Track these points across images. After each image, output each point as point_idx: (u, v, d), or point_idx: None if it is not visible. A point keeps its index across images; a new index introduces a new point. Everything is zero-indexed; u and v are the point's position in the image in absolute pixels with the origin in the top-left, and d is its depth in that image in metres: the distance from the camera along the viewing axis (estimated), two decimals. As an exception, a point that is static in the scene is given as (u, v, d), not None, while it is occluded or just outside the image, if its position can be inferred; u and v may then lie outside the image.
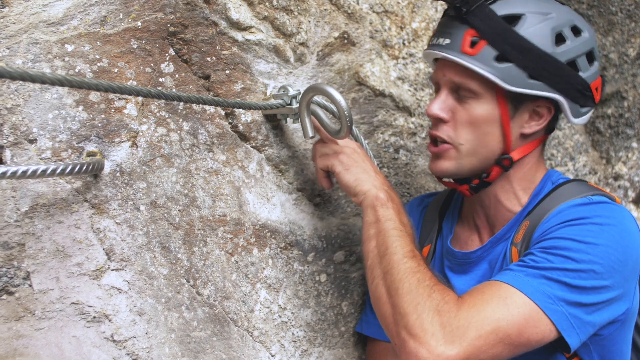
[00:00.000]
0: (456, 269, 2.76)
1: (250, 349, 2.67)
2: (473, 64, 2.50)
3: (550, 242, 2.39)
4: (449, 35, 2.56)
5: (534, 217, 2.58)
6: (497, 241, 2.69)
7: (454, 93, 2.59)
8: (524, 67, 2.50)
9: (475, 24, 2.51)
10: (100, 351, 2.25)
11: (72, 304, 2.26)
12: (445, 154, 2.61)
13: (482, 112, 2.55)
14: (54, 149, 2.36)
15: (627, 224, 2.44)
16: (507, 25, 2.50)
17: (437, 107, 2.59)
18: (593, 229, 2.39)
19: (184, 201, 2.58)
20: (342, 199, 3.02)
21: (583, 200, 2.53)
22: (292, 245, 2.85)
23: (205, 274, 2.59)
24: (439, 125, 2.61)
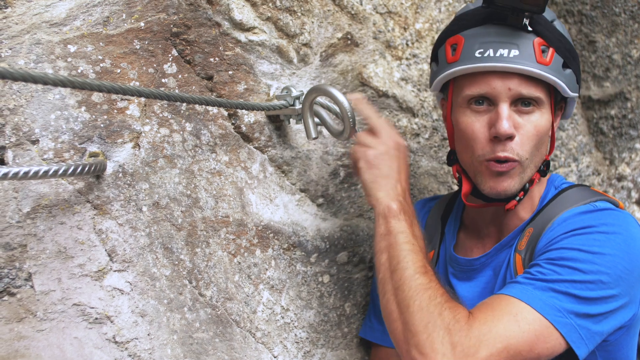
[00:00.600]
0: (460, 275, 2.74)
1: (252, 350, 2.66)
2: (551, 74, 2.45)
3: (557, 253, 2.37)
4: (514, 46, 2.44)
5: (538, 223, 2.56)
6: (501, 248, 2.66)
7: (513, 106, 2.48)
8: (576, 70, 2.53)
9: (541, 32, 2.46)
10: (102, 352, 2.25)
11: (74, 305, 2.25)
12: (511, 172, 2.51)
13: (545, 122, 2.51)
14: (56, 149, 2.36)
15: (632, 231, 2.43)
16: (559, 30, 2.50)
17: (508, 125, 2.45)
18: (599, 237, 2.38)
19: (187, 202, 2.57)
20: (345, 200, 3.01)
21: (587, 207, 2.51)
22: (295, 246, 2.84)
23: (208, 275, 2.58)
24: (506, 144, 2.48)
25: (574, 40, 3.76)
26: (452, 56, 2.52)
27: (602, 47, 3.78)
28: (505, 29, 2.46)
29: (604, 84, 3.86)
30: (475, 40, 2.48)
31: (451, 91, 2.62)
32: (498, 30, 2.46)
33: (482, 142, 2.51)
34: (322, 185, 2.92)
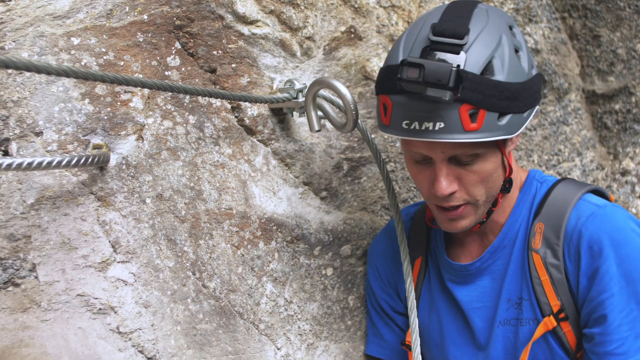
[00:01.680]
0: (457, 280, 2.73)
1: (256, 342, 2.67)
2: (482, 137, 2.30)
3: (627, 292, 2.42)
4: (438, 118, 2.27)
5: (548, 219, 2.55)
6: (495, 251, 2.65)
7: (452, 161, 2.41)
8: (519, 109, 2.36)
9: (467, 97, 2.25)
10: (105, 343, 2.26)
11: (78, 295, 2.26)
12: (464, 213, 2.49)
13: (490, 165, 2.43)
14: (60, 141, 2.37)
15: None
16: (490, 80, 2.29)
17: (446, 184, 2.40)
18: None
19: (190, 194, 2.58)
20: (349, 193, 3.01)
21: (592, 209, 2.52)
22: (298, 238, 2.85)
23: (211, 267, 2.59)
24: (451, 197, 2.45)
25: (578, 35, 3.76)
26: (385, 117, 2.41)
27: (607, 42, 3.78)
28: (427, 101, 2.26)
29: (609, 79, 3.86)
30: (401, 109, 2.34)
31: None
32: (422, 101, 2.27)
33: (428, 192, 2.49)
34: (325, 179, 2.93)
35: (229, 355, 2.56)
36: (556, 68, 3.65)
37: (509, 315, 2.60)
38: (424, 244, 2.84)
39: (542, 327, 2.52)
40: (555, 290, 2.50)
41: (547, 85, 3.61)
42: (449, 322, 2.75)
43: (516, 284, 2.59)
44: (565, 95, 3.69)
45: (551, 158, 3.62)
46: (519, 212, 2.63)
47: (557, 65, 3.64)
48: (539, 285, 2.52)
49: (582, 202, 2.54)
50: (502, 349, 2.62)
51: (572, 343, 2.52)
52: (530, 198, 2.64)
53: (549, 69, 3.59)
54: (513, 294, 2.60)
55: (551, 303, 2.51)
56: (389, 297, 2.90)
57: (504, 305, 2.61)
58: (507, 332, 2.61)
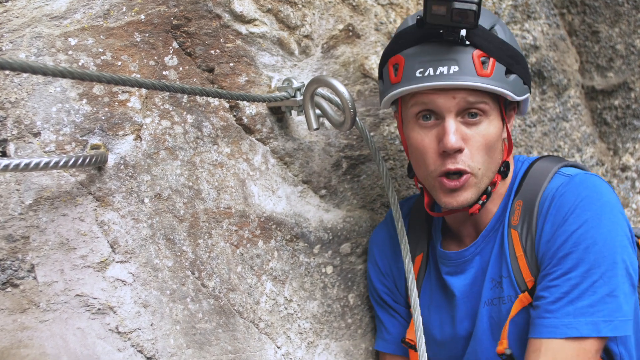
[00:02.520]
0: (453, 270, 2.74)
1: (256, 341, 2.67)
2: (495, 85, 2.43)
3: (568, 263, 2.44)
4: (453, 62, 2.42)
5: (525, 196, 2.59)
6: (487, 235, 2.68)
7: (460, 118, 2.48)
8: (521, 74, 2.50)
9: (479, 43, 2.43)
10: (105, 343, 2.26)
11: (77, 296, 2.26)
12: (465, 185, 2.51)
13: (494, 130, 2.50)
14: (57, 142, 2.37)
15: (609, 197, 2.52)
16: (497, 37, 2.48)
17: (455, 138, 2.45)
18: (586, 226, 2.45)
19: (189, 194, 2.58)
20: (348, 191, 3.01)
21: (563, 180, 2.55)
22: (297, 237, 2.85)
23: (210, 266, 2.59)
24: (456, 156, 2.48)
25: (577, 31, 3.76)
26: (395, 77, 2.51)
27: (606, 37, 3.78)
28: (443, 45, 2.43)
29: (608, 74, 3.86)
30: (415, 59, 2.46)
31: (400, 107, 2.63)
32: (436, 47, 2.44)
33: (432, 157, 2.52)
34: (324, 177, 2.93)
35: (228, 355, 2.56)
36: (555, 64, 3.64)
37: (492, 294, 2.63)
38: (425, 240, 2.85)
39: (518, 303, 2.55)
40: (529, 266, 2.53)
41: (546, 82, 3.61)
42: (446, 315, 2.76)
43: (497, 263, 2.63)
44: (564, 92, 3.68)
45: (551, 154, 3.62)
46: (508, 197, 2.67)
47: (556, 61, 3.64)
48: (515, 262, 2.57)
49: (556, 175, 2.59)
50: (488, 329, 2.64)
51: None
52: (514, 179, 2.68)
53: (548, 65, 3.58)
54: (495, 273, 2.63)
55: (526, 279, 2.54)
56: (389, 290, 2.91)
57: (488, 284, 2.64)
58: (492, 312, 2.62)
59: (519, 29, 3.47)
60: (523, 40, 3.46)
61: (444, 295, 2.78)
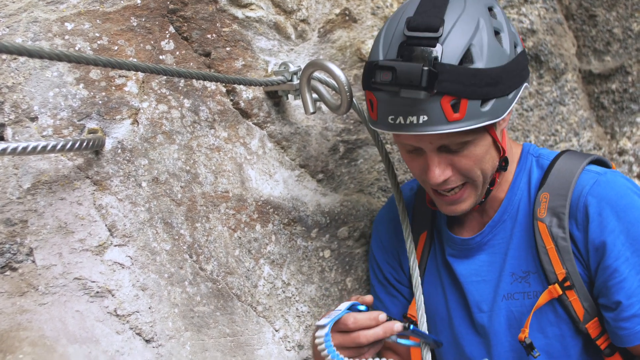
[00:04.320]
0: (457, 254, 2.75)
1: (254, 324, 2.68)
2: (467, 125, 2.31)
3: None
4: (421, 112, 2.29)
5: (553, 189, 2.58)
6: (495, 225, 2.68)
7: (443, 149, 2.43)
8: (502, 93, 2.37)
9: (447, 88, 2.26)
10: (103, 325, 2.27)
11: (75, 279, 2.27)
12: (463, 196, 2.53)
13: (481, 150, 2.46)
14: (55, 126, 2.37)
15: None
16: (469, 69, 2.30)
17: (439, 172, 2.42)
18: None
19: (186, 177, 2.59)
20: (345, 175, 3.02)
21: (594, 177, 2.56)
22: (295, 221, 2.85)
23: (208, 250, 2.60)
24: (447, 181, 2.47)
25: (574, 15, 3.76)
26: (372, 112, 2.44)
27: (603, 21, 3.77)
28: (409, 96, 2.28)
29: (605, 58, 3.85)
30: (386, 105, 2.36)
31: None
32: (403, 98, 2.28)
33: (424, 179, 2.52)
34: (321, 161, 2.93)
35: (227, 337, 2.57)
36: (552, 48, 3.64)
37: (512, 289, 2.63)
38: (429, 218, 2.86)
39: (546, 294, 2.55)
40: (560, 259, 2.53)
41: (543, 66, 3.61)
42: (451, 295, 2.77)
43: (521, 257, 2.62)
44: (561, 76, 3.68)
45: (548, 138, 3.62)
46: (517, 186, 2.66)
47: (553, 45, 3.64)
48: (545, 255, 2.55)
49: (585, 171, 2.58)
50: (505, 323, 2.64)
51: (579, 313, 2.54)
52: (526, 172, 2.68)
53: (545, 50, 3.58)
54: (517, 268, 2.62)
55: (556, 271, 2.53)
56: (393, 270, 2.91)
57: (507, 279, 2.64)
58: (511, 306, 2.63)
59: (516, 13, 3.47)
60: (520, 25, 3.46)
61: (450, 277, 2.79)
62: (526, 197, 2.64)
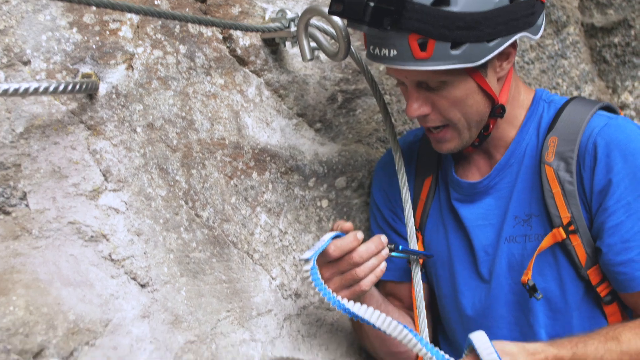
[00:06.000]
0: (463, 199, 2.76)
1: (250, 272, 2.66)
2: (434, 65, 2.34)
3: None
4: (391, 46, 2.36)
5: (562, 133, 2.59)
6: (502, 168, 2.68)
7: (422, 85, 2.48)
8: (478, 39, 2.36)
9: (414, 27, 2.30)
10: (98, 270, 2.25)
11: (69, 223, 2.25)
12: (446, 136, 2.57)
13: (461, 92, 2.47)
14: (48, 70, 2.34)
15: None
16: (440, 11, 2.30)
17: (416, 106, 2.49)
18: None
19: (182, 124, 2.56)
20: (343, 125, 2.99)
21: (605, 120, 2.57)
22: (292, 170, 2.83)
23: (204, 197, 2.58)
24: (426, 118, 2.53)
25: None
26: (364, 42, 2.54)
27: (606, -26, 3.75)
28: (381, 29, 2.34)
29: (608, 12, 3.82)
30: (368, 35, 2.47)
31: None
32: (378, 31, 2.35)
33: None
34: (319, 110, 2.91)
35: (223, 284, 2.56)
36: (554, 0, 3.61)
37: (515, 232, 2.63)
38: (435, 163, 2.86)
39: (550, 237, 2.56)
40: (566, 202, 2.54)
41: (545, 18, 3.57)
42: (454, 240, 2.77)
43: (524, 200, 2.63)
44: (563, 29, 3.65)
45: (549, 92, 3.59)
46: (526, 131, 2.67)
47: (555, -3, 3.61)
48: (551, 198, 2.56)
49: (596, 115, 2.60)
50: (506, 265, 2.65)
51: (582, 258, 2.55)
52: (537, 117, 2.68)
53: (547, 2, 3.55)
54: (520, 210, 2.63)
55: (561, 215, 2.54)
56: (395, 215, 2.90)
57: (510, 222, 2.64)
58: (512, 249, 2.63)
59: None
60: (521, -25, 3.41)
61: (454, 222, 2.79)
62: (534, 141, 2.64)
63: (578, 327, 2.59)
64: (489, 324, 2.69)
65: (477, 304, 2.74)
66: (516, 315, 2.68)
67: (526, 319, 2.65)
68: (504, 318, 2.69)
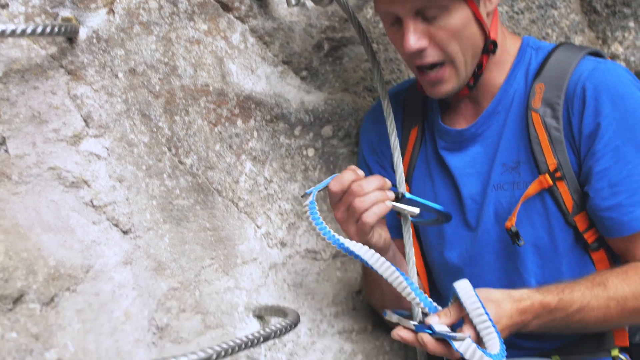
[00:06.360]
0: (451, 147, 2.73)
1: (235, 220, 2.64)
2: None
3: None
4: None
5: (549, 78, 2.55)
6: (489, 115, 2.65)
7: (419, 17, 2.42)
8: None
9: None
10: (79, 215, 2.22)
11: (50, 169, 2.22)
12: (444, 76, 2.51)
13: (459, 21, 2.43)
14: (27, 14, 2.29)
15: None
16: None
17: (414, 39, 2.42)
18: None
19: (164, 70, 2.52)
20: (330, 73, 2.96)
21: (593, 64, 2.54)
22: (277, 118, 2.80)
23: (188, 143, 2.55)
24: (423, 53, 2.47)
25: None
26: None
27: None
28: None
29: (598, -39, 3.78)
30: None
31: None
32: None
33: (406, 56, 2.53)
34: (305, 58, 2.87)
35: (207, 231, 2.53)
36: (545, -51, 3.57)
37: (502, 179, 2.61)
38: (421, 113, 2.83)
39: (536, 184, 2.54)
40: (552, 149, 2.52)
41: (535, -33, 3.54)
42: (442, 189, 2.75)
43: (512, 147, 2.60)
44: (553, -22, 3.61)
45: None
46: (514, 77, 2.63)
47: (545, -55, 3.56)
48: (537, 145, 2.54)
49: (584, 60, 2.56)
50: (493, 213, 2.63)
51: (569, 205, 2.53)
52: (525, 64, 2.65)
53: (537, -50, 3.51)
54: (508, 158, 2.60)
55: (548, 161, 2.52)
56: (383, 170, 2.87)
57: (497, 169, 2.62)
58: (499, 197, 2.61)
59: None
60: None
61: (441, 171, 2.76)
62: (522, 88, 2.62)
63: (567, 274, 2.57)
64: (477, 272, 2.68)
65: (465, 253, 2.72)
66: (504, 262, 2.66)
67: (514, 267, 2.64)
68: (492, 266, 2.67)
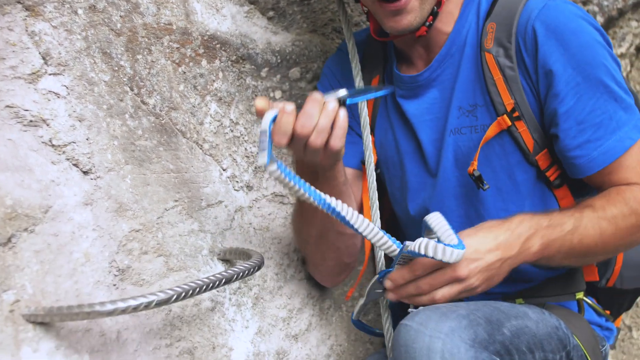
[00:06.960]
0: (407, 94, 2.70)
1: (200, 162, 2.59)
2: None
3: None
4: None
5: (499, 17, 2.51)
6: (443, 59, 2.62)
7: None
8: None
9: None
10: (38, 155, 2.16)
11: (7, 107, 2.14)
12: (407, 7, 2.44)
13: None
14: (-19, -53, 2.21)
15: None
16: None
17: None
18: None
19: (126, 7, 2.44)
20: (298, 14, 2.90)
21: (546, 2, 2.48)
22: (243, 58, 2.74)
23: (150, 83, 2.48)
24: None
25: None
26: None
27: None
28: None
29: None
30: None
31: None
32: None
33: None
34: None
35: (170, 173, 2.48)
36: None
37: (460, 123, 2.58)
38: (381, 63, 2.79)
39: (495, 126, 2.51)
40: (508, 89, 2.48)
41: None
42: (402, 138, 2.72)
43: (468, 90, 2.56)
44: None
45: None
46: (465, 18, 2.60)
47: None
48: (493, 86, 2.51)
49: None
50: (452, 158, 2.60)
51: (529, 144, 2.51)
52: (475, 4, 2.61)
53: None
54: (464, 101, 2.57)
55: (505, 102, 2.49)
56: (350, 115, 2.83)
57: (454, 113, 2.59)
58: (458, 141, 2.58)
59: None
60: None
61: (400, 119, 2.73)
62: (474, 29, 2.58)
63: None
64: (439, 219, 2.66)
65: (427, 199, 2.70)
66: (466, 208, 2.64)
67: (477, 212, 2.63)
68: (454, 212, 2.65)
